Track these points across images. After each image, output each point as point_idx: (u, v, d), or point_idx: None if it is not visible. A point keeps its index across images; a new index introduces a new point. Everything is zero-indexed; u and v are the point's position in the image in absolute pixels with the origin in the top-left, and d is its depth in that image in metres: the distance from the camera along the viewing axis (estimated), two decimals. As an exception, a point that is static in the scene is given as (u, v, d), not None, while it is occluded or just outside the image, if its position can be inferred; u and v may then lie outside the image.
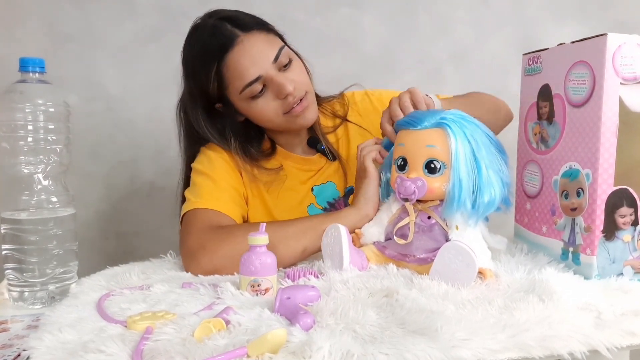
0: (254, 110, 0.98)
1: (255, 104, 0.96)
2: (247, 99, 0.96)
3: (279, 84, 0.94)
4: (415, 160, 0.74)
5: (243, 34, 0.93)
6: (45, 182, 0.84)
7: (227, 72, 0.94)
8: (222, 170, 0.99)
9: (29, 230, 0.82)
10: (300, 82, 0.97)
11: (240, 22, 0.95)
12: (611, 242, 0.72)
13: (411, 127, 0.75)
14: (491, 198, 0.72)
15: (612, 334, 0.56)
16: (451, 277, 0.67)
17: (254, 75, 0.93)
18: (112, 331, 0.56)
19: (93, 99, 1.41)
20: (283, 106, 0.97)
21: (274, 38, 0.97)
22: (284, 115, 0.98)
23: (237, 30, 0.93)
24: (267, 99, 0.96)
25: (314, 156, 1.09)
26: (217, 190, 0.95)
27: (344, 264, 0.73)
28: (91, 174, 1.43)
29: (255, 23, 0.96)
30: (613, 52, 0.69)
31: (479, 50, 1.60)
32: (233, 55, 0.92)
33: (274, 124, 1.01)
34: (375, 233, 0.80)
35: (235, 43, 0.92)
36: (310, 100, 1.00)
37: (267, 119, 0.99)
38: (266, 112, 0.97)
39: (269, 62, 0.93)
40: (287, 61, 0.96)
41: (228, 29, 0.93)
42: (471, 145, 0.72)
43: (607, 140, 0.70)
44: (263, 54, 0.93)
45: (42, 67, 0.85)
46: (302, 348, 0.49)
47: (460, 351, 0.50)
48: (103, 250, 1.45)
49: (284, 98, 0.95)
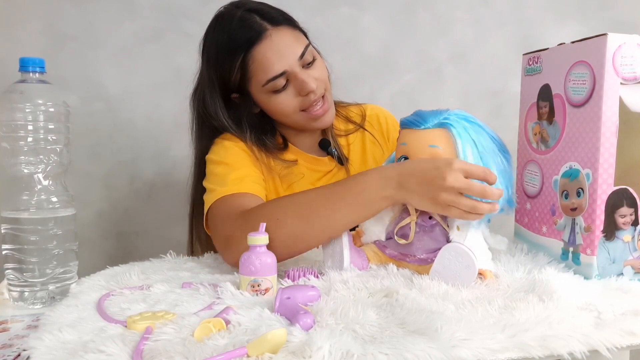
0: (273, 104, 0.98)
1: (276, 98, 0.97)
2: (268, 92, 0.96)
3: (303, 81, 0.95)
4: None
5: (272, 28, 0.94)
6: (45, 182, 0.84)
7: (253, 65, 0.94)
8: (239, 157, 0.98)
9: (29, 230, 0.82)
10: (321, 81, 0.98)
11: (269, 15, 0.95)
12: (611, 242, 0.72)
13: (414, 126, 0.75)
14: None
15: (612, 334, 0.56)
16: (451, 278, 0.67)
17: (279, 70, 0.93)
18: (112, 331, 0.56)
19: (93, 99, 1.41)
20: (303, 103, 0.98)
21: (300, 35, 0.98)
22: (301, 112, 0.99)
23: (266, 24, 0.94)
24: (289, 94, 0.97)
25: (324, 158, 1.09)
26: (238, 174, 0.93)
27: (344, 264, 0.73)
28: (91, 174, 1.42)
29: (284, 18, 0.97)
30: (613, 52, 0.69)
31: (479, 50, 1.59)
32: (260, 48, 0.93)
33: (290, 120, 1.01)
34: (376, 231, 0.80)
35: (264, 36, 0.93)
36: (330, 102, 1.02)
37: (285, 113, 0.99)
38: (285, 107, 0.98)
39: (295, 58, 0.94)
40: (312, 59, 0.97)
41: (257, 21, 0.94)
42: (476, 146, 0.72)
43: (607, 140, 0.70)
44: (290, 49, 0.94)
45: (42, 67, 0.85)
46: (302, 348, 0.49)
47: (460, 351, 0.50)
48: (103, 250, 1.45)
49: (305, 95, 0.96)
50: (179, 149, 1.46)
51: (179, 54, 1.44)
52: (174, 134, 1.46)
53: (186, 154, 1.46)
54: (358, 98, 1.22)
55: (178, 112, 1.45)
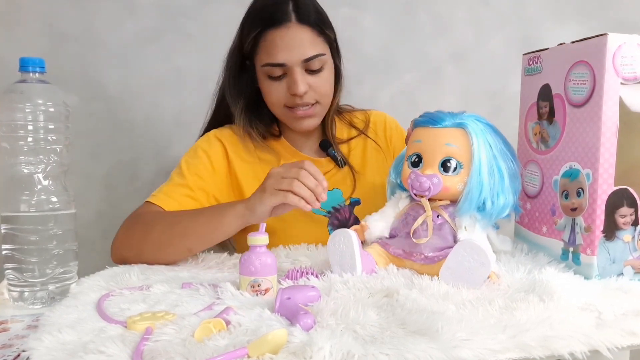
0: (265, 87, 1.02)
1: (269, 83, 1.00)
2: (265, 74, 1.00)
3: (294, 81, 0.97)
4: (432, 157, 0.74)
5: (294, 22, 0.96)
6: (45, 182, 0.84)
7: (263, 43, 0.98)
8: (198, 166, 1.03)
9: (29, 230, 0.82)
10: (316, 91, 1.00)
11: (302, 11, 0.98)
12: (611, 242, 0.72)
13: (430, 125, 0.75)
14: (506, 202, 0.73)
15: (612, 334, 0.56)
16: (463, 275, 0.67)
17: (279, 60, 0.96)
18: (112, 332, 0.56)
19: (93, 99, 1.41)
20: (288, 100, 1.00)
21: (321, 43, 1.00)
22: (284, 107, 1.01)
23: (293, 16, 0.97)
24: (280, 86, 0.99)
25: (323, 159, 1.09)
26: (179, 190, 0.99)
27: (357, 272, 0.72)
28: (91, 174, 1.42)
29: (314, 21, 0.99)
30: (613, 52, 0.69)
31: (479, 50, 1.59)
32: (275, 33, 0.96)
33: (274, 110, 1.05)
34: (380, 228, 0.79)
35: (283, 25, 0.96)
36: (316, 112, 1.03)
37: (270, 102, 1.03)
38: (273, 96, 1.01)
39: (299, 58, 0.97)
40: (318, 68, 0.99)
41: (286, 9, 0.97)
42: (491, 148, 0.73)
43: (607, 140, 0.70)
44: (299, 48, 0.96)
45: (42, 67, 0.84)
46: (303, 348, 0.49)
47: (461, 351, 0.50)
48: (103, 250, 1.44)
49: (292, 94, 0.99)
50: (179, 149, 1.46)
51: (179, 54, 1.43)
52: (174, 134, 1.46)
53: (186, 154, 1.47)
54: (358, 98, 1.23)
55: (178, 112, 1.46)
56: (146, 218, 0.93)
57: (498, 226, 0.77)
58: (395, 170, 0.84)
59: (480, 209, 0.72)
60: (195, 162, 1.03)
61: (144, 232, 0.90)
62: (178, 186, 1.00)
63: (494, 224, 0.76)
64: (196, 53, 1.44)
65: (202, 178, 1.02)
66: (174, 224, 0.89)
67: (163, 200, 0.97)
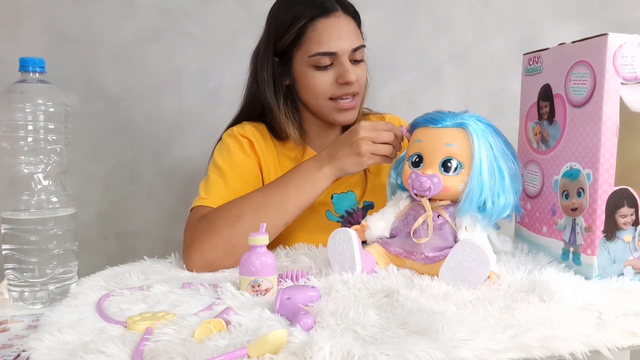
0: (309, 78, 1.00)
1: (314, 74, 0.99)
2: (310, 65, 0.99)
3: (346, 70, 0.98)
4: (432, 157, 0.74)
5: (342, 12, 0.99)
6: (45, 182, 0.84)
7: (311, 33, 0.97)
8: (238, 160, 0.99)
9: (29, 230, 0.82)
10: (359, 82, 1.01)
11: (345, 3, 1.01)
12: (612, 242, 0.72)
13: (431, 124, 0.75)
14: (506, 203, 0.73)
15: (613, 334, 0.56)
16: (463, 274, 0.67)
17: (332, 48, 0.97)
18: (112, 332, 0.56)
19: (93, 99, 1.41)
20: (335, 91, 1.00)
21: (360, 34, 1.02)
22: (329, 100, 1.01)
23: (338, 6, 0.99)
24: (327, 76, 0.99)
25: None
26: (226, 186, 0.95)
27: (357, 271, 0.72)
28: (91, 174, 1.42)
29: (354, 13, 1.02)
30: (614, 52, 0.69)
31: (479, 50, 1.59)
32: (325, 22, 0.97)
33: (316, 104, 1.02)
34: (380, 227, 0.79)
35: (333, 15, 0.98)
36: (357, 104, 1.04)
37: (315, 94, 1.01)
38: (319, 86, 1.00)
39: (349, 47, 0.98)
40: (360, 59, 1.01)
41: (332, 0, 0.99)
42: (492, 149, 0.73)
43: (607, 140, 0.70)
44: (349, 37, 0.98)
45: (42, 67, 0.84)
46: (303, 348, 0.49)
47: (461, 351, 0.50)
48: (103, 250, 1.45)
49: (342, 83, 0.99)
50: (179, 149, 1.47)
51: (179, 54, 1.44)
52: (174, 134, 1.46)
53: (186, 154, 1.47)
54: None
55: (178, 112, 1.46)
56: (222, 213, 0.87)
57: (499, 226, 0.77)
58: (395, 170, 0.84)
59: (481, 209, 0.72)
60: (232, 160, 0.99)
61: (231, 225, 0.84)
62: (225, 187, 0.95)
63: (495, 224, 0.76)
64: (196, 53, 1.45)
65: (245, 172, 0.99)
66: (260, 205, 0.86)
67: (217, 202, 0.92)
